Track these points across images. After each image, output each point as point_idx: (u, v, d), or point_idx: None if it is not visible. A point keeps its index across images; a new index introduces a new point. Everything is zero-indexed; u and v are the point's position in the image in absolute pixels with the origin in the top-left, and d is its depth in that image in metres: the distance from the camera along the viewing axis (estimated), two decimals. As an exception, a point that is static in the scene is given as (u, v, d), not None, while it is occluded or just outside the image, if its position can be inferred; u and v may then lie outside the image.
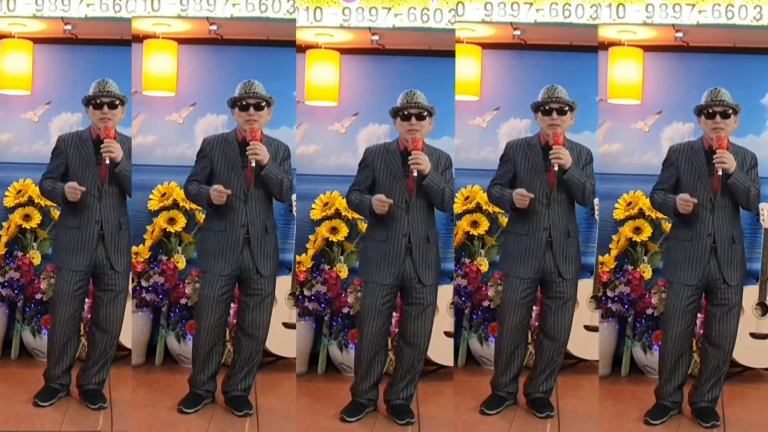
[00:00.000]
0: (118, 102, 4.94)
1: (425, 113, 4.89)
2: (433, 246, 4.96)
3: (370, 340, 4.96)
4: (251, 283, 4.96)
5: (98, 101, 4.93)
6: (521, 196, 4.87)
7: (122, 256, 5.02)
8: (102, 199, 4.95)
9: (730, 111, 4.83)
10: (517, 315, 5.03)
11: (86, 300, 5.12)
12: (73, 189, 4.89)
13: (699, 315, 5.06)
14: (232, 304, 5.11)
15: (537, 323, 5.20)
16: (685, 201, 4.80)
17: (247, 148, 4.85)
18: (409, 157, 4.82)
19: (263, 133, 4.96)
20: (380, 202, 4.83)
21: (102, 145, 4.88)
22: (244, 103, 4.89)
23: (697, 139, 4.97)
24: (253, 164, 4.85)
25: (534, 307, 5.12)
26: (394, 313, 5.08)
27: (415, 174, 4.81)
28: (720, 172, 4.76)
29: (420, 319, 4.96)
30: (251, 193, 4.90)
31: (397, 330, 5.18)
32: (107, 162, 4.88)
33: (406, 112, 4.87)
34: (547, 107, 4.92)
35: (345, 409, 5.02)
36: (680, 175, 4.92)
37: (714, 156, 4.79)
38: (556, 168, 4.86)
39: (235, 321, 5.23)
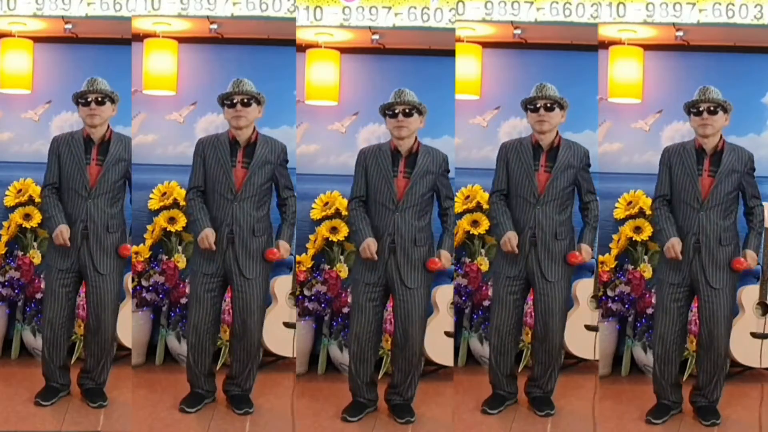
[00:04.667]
0: (106, 99, 4.94)
1: (413, 110, 4.90)
2: (422, 249, 4.92)
3: (357, 337, 4.98)
4: (235, 284, 4.95)
5: (87, 98, 4.94)
6: (507, 242, 4.93)
7: (108, 258, 4.98)
8: (89, 199, 4.94)
9: (718, 108, 4.85)
10: (503, 313, 5.04)
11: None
12: (60, 234, 4.89)
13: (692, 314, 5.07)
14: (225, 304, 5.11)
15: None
16: (671, 250, 4.85)
17: None
18: None
19: (259, 134, 4.98)
20: (368, 249, 4.86)
21: None
22: (233, 100, 4.91)
23: (690, 139, 4.97)
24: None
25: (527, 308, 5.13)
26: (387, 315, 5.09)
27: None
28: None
29: (408, 321, 4.93)
30: (240, 194, 4.91)
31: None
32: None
33: (394, 110, 4.89)
34: (537, 104, 4.94)
35: (346, 408, 5.02)
36: (672, 175, 4.95)
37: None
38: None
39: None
